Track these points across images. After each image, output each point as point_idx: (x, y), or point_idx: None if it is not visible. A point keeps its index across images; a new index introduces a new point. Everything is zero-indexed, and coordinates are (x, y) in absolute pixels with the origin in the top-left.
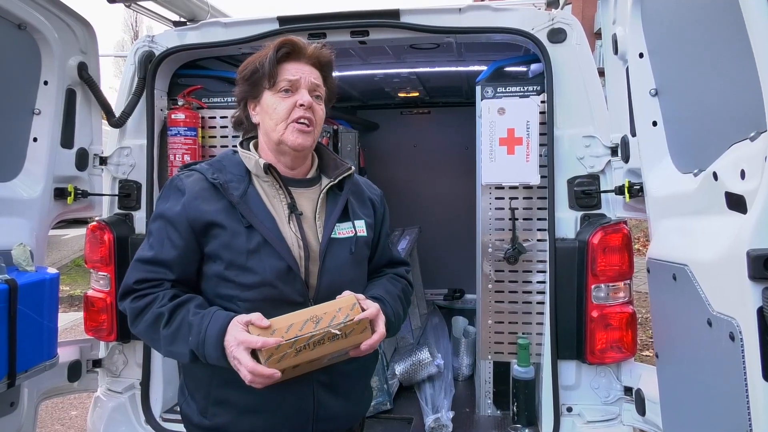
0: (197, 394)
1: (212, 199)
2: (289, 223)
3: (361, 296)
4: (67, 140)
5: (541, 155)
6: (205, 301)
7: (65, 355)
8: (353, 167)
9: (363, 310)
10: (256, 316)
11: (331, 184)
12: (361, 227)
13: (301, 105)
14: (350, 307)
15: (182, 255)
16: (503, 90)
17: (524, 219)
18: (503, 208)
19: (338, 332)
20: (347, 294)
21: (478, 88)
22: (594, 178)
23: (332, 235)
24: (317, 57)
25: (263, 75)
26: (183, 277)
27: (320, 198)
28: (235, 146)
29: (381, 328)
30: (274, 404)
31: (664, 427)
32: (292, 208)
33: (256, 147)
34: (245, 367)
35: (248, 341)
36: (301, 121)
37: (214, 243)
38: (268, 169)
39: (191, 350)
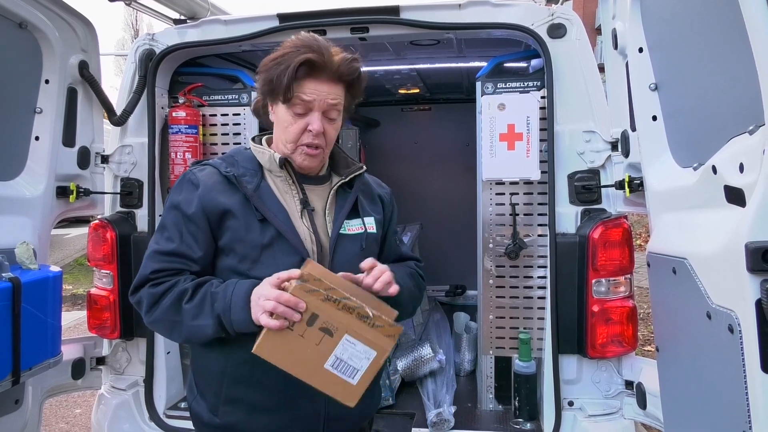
0: (208, 393)
1: (227, 192)
2: (302, 218)
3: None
4: (68, 139)
5: (541, 151)
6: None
7: (69, 352)
8: (364, 166)
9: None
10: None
11: (342, 182)
12: (370, 224)
13: (310, 131)
14: (389, 313)
15: (203, 248)
16: (503, 86)
17: (525, 214)
18: (504, 204)
19: (370, 314)
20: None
21: (478, 84)
22: (594, 173)
23: (341, 231)
24: (340, 75)
25: (279, 90)
26: (203, 270)
27: (330, 195)
28: (240, 143)
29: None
30: (285, 403)
31: (665, 419)
32: (305, 203)
33: (268, 143)
34: (269, 295)
35: (276, 276)
36: (310, 146)
37: (227, 235)
38: (284, 163)
39: (217, 318)
